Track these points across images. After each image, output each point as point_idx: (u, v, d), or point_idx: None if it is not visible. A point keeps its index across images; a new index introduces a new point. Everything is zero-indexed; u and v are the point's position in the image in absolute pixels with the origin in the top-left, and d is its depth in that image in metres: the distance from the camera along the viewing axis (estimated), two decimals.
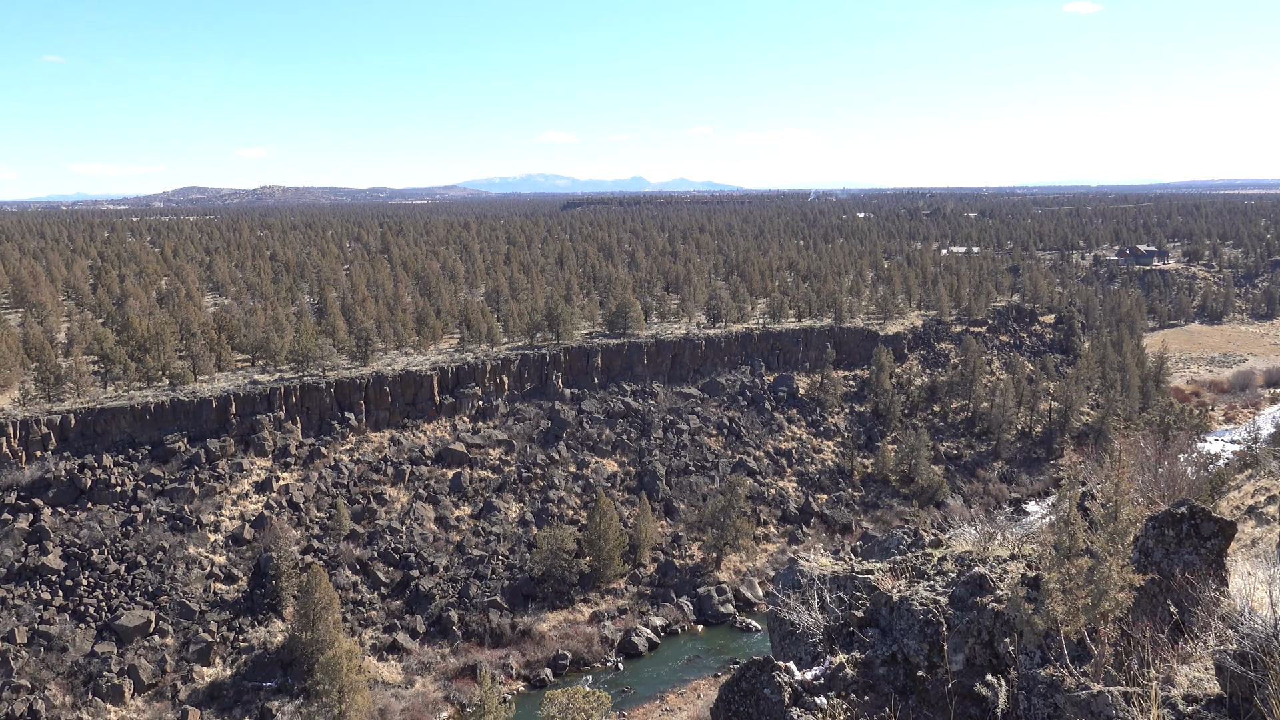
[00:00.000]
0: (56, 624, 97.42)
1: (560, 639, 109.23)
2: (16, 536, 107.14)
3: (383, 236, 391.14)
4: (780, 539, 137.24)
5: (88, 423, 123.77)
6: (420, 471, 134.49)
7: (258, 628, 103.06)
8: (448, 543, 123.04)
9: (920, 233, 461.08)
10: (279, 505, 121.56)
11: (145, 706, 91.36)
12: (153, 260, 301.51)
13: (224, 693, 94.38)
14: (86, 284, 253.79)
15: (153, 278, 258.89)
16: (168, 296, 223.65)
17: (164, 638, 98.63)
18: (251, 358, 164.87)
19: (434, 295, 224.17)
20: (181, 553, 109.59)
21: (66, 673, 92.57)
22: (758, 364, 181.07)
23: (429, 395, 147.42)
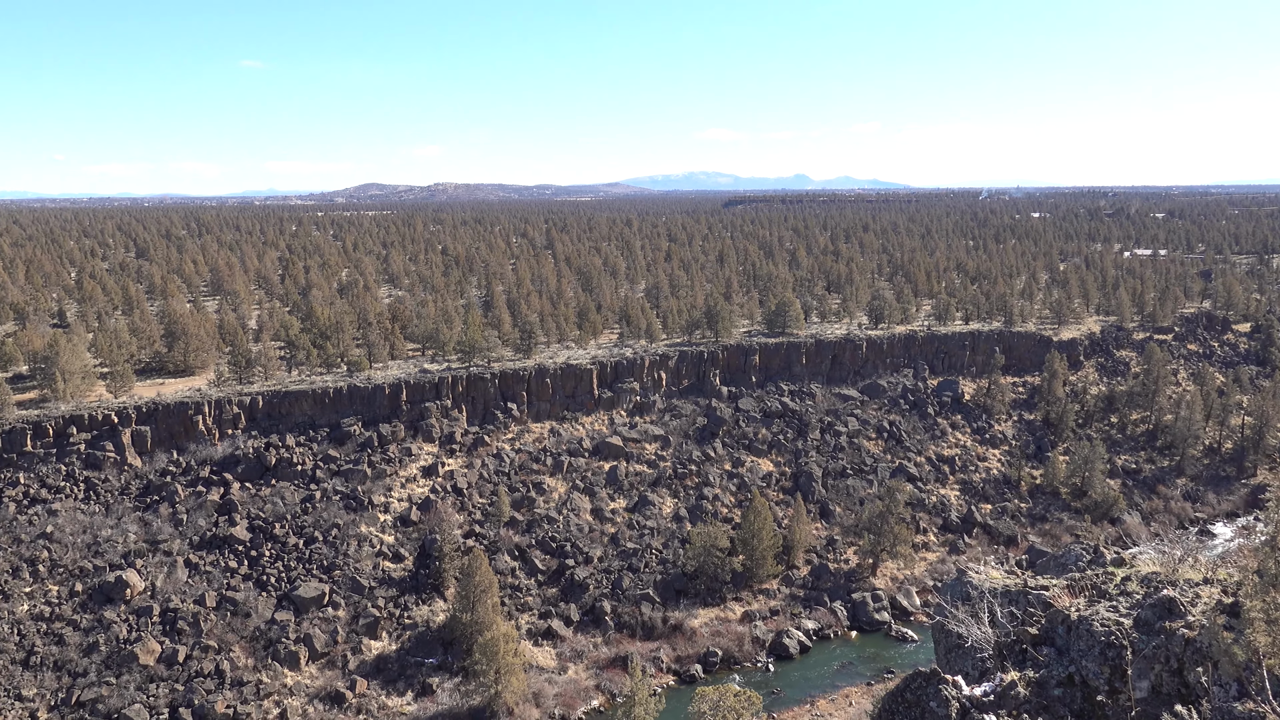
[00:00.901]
0: (241, 591, 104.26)
1: (711, 636, 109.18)
2: (209, 508, 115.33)
3: (547, 232, 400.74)
4: (940, 548, 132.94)
5: (273, 404, 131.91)
6: (578, 463, 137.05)
7: (421, 606, 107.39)
8: (603, 534, 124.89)
9: (1101, 234, 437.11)
10: (444, 490, 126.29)
11: (318, 673, 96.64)
12: (335, 253, 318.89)
13: (389, 666, 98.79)
14: (275, 274, 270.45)
15: (334, 269, 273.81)
16: (347, 287, 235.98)
17: (336, 610, 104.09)
18: (422, 347, 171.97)
19: (595, 290, 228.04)
20: (354, 531, 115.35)
21: (249, 637, 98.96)
22: (921, 367, 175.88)
23: (588, 389, 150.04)
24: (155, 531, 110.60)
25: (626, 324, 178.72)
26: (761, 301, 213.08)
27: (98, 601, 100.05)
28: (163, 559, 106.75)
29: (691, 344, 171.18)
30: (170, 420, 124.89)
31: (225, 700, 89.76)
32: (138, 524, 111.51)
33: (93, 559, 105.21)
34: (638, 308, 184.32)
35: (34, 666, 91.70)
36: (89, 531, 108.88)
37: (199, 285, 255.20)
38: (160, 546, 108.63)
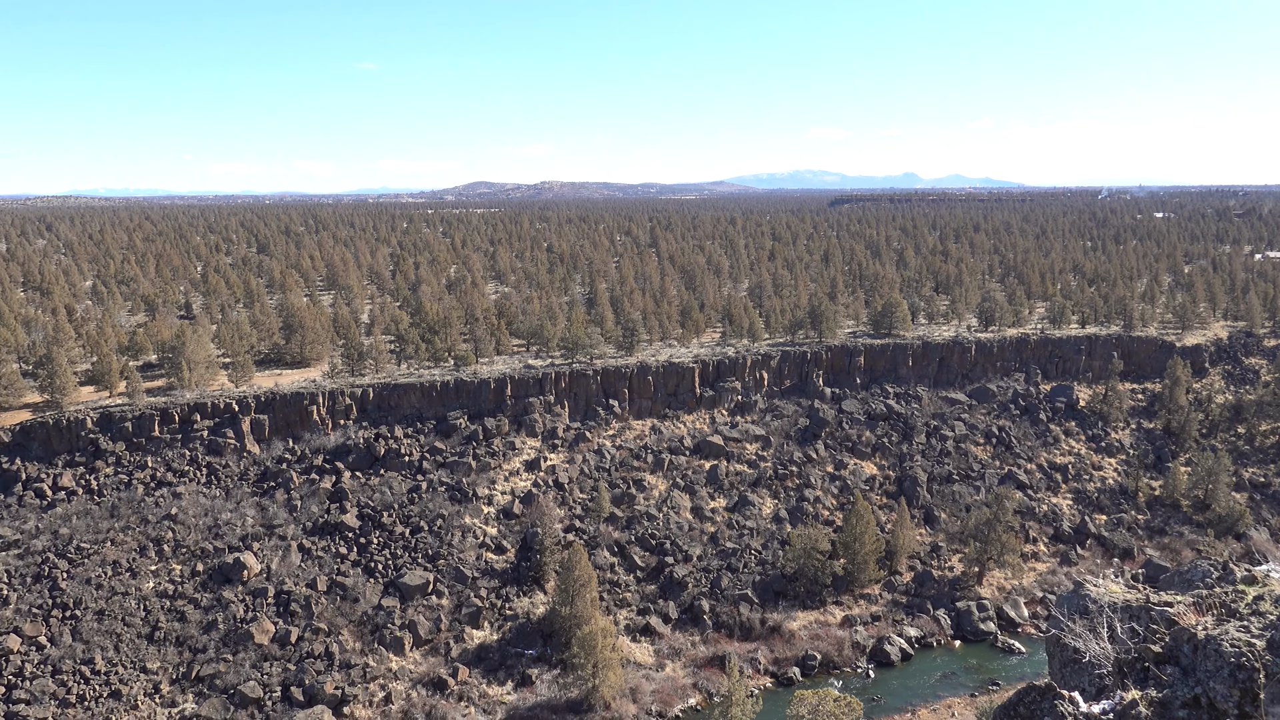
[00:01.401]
0: (350, 577, 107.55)
1: (810, 639, 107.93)
2: (321, 495, 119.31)
3: (651, 231, 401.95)
4: (1050, 559, 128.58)
5: (383, 396, 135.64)
6: (679, 461, 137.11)
7: (522, 598, 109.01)
8: (702, 533, 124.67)
9: (1230, 235, 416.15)
10: (546, 484, 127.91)
11: (422, 659, 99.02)
12: (444, 249, 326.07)
13: (490, 655, 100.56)
14: (387, 270, 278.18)
15: (443, 265, 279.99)
16: (455, 283, 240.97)
17: (440, 598, 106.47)
18: (527, 343, 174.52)
19: (698, 289, 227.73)
20: (458, 522, 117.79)
21: (357, 621, 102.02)
22: (1033, 371, 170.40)
23: (690, 387, 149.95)
24: (271, 516, 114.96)
25: (729, 323, 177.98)
26: (867, 302, 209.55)
27: (217, 581, 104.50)
28: (278, 543, 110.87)
29: (795, 344, 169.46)
30: (287, 410, 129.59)
31: (334, 681, 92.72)
32: (255, 509, 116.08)
33: (213, 541, 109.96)
34: (741, 306, 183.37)
35: (158, 641, 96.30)
36: (210, 514, 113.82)
37: (315, 280, 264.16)
38: (276, 531, 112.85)
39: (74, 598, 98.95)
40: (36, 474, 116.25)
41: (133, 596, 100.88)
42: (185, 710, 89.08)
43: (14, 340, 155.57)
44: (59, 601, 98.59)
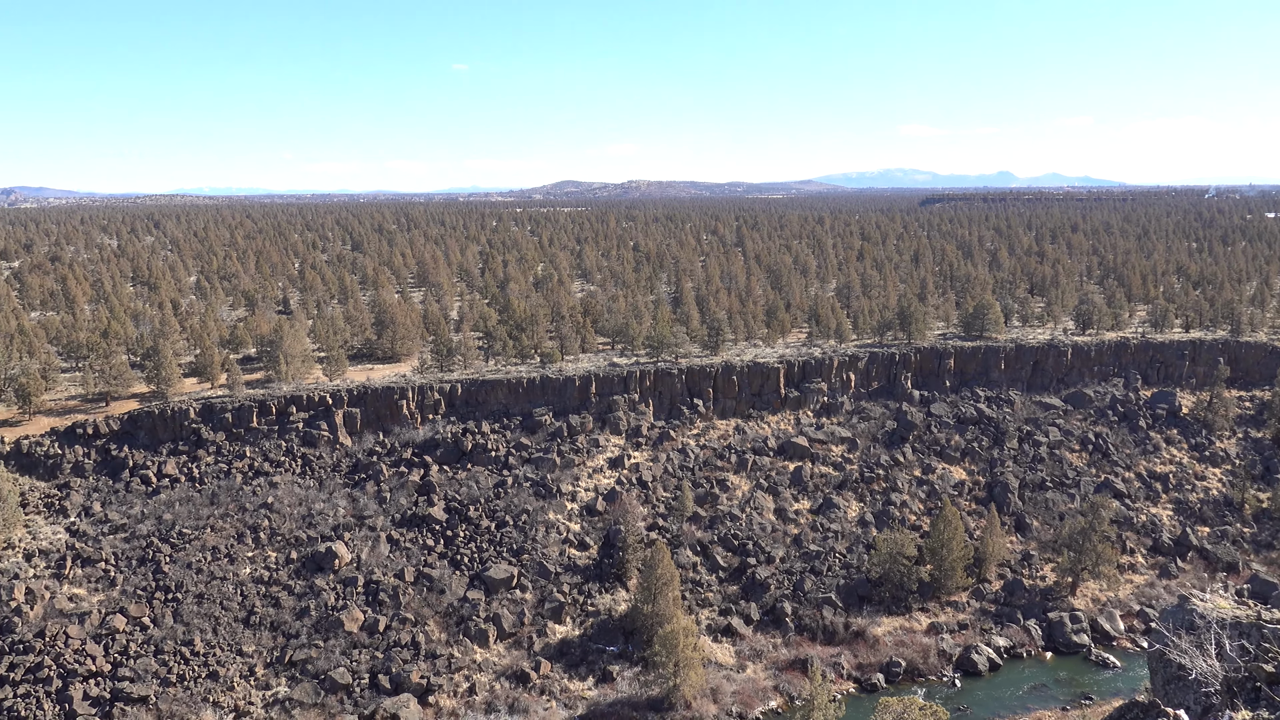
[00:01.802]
0: (437, 569, 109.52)
1: (894, 645, 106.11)
2: (410, 488, 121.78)
3: (738, 230, 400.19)
4: (1149, 571, 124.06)
5: (471, 392, 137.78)
6: (762, 462, 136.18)
7: (604, 594, 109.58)
8: (785, 535, 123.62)
9: None
10: (629, 482, 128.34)
11: (505, 652, 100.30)
12: (531, 248, 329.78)
13: (572, 650, 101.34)
14: (476, 267, 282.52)
15: (531, 264, 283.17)
16: (543, 281, 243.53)
17: (524, 593, 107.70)
18: (612, 341, 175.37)
19: (785, 289, 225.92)
20: (543, 517, 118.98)
21: (443, 612, 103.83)
22: (1133, 376, 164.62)
23: (775, 387, 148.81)
24: (362, 507, 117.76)
25: (815, 323, 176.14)
26: (958, 303, 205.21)
27: (310, 569, 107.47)
28: (368, 533, 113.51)
29: (882, 345, 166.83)
30: (378, 403, 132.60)
31: (420, 671, 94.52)
32: (347, 499, 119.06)
33: (306, 530, 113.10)
34: (827, 307, 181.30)
35: (253, 625, 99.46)
36: (304, 504, 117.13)
37: (406, 277, 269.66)
38: (366, 522, 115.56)
39: (176, 581, 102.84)
40: (143, 461, 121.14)
41: (230, 581, 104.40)
42: (278, 693, 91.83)
43: (123, 333, 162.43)
44: (162, 584, 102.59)
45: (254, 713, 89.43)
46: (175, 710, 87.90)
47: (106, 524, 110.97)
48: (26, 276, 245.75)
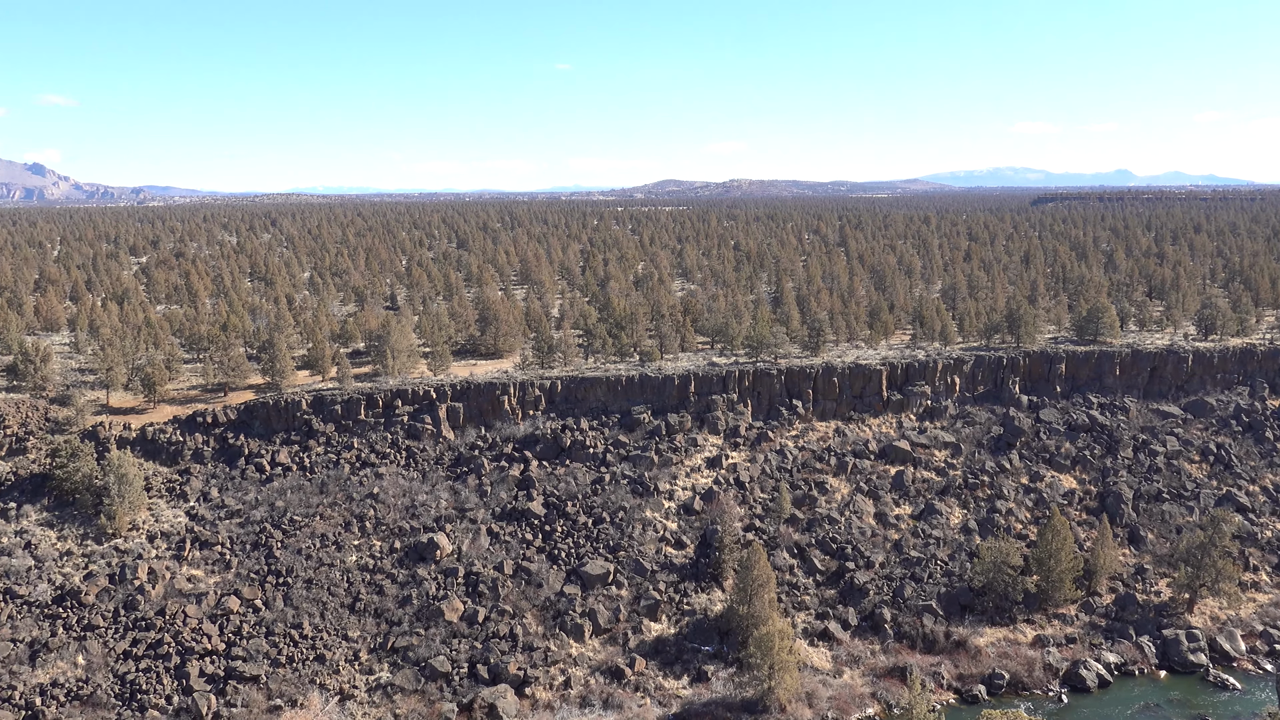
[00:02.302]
0: (535, 562, 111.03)
1: (998, 657, 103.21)
2: (510, 482, 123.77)
3: (840, 229, 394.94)
4: (1273, 589, 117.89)
5: (571, 389, 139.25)
6: (863, 465, 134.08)
7: (700, 594, 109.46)
8: (885, 540, 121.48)
9: None
10: (726, 482, 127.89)
11: (600, 648, 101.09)
12: (632, 247, 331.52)
13: (666, 648, 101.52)
14: (577, 266, 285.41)
15: (631, 262, 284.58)
16: (643, 280, 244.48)
17: (620, 589, 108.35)
18: (711, 341, 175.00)
19: (888, 289, 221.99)
20: (639, 515, 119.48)
21: (540, 605, 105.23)
22: (1259, 385, 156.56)
23: (876, 390, 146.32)
24: (463, 500, 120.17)
25: (920, 325, 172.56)
26: (1071, 306, 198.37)
27: (412, 559, 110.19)
28: (468, 526, 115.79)
29: (989, 349, 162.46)
30: (480, 399, 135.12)
31: (517, 663, 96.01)
32: (449, 492, 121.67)
33: (410, 520, 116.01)
34: (932, 308, 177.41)
35: (358, 611, 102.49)
36: (408, 495, 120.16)
37: (509, 274, 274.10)
38: (467, 514, 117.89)
39: (286, 566, 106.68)
40: (257, 450, 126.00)
41: (337, 568, 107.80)
42: (381, 678, 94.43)
43: (241, 326, 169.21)
44: (273, 568, 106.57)
45: (358, 696, 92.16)
46: (284, 690, 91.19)
47: (223, 509, 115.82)
48: (153, 271, 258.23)
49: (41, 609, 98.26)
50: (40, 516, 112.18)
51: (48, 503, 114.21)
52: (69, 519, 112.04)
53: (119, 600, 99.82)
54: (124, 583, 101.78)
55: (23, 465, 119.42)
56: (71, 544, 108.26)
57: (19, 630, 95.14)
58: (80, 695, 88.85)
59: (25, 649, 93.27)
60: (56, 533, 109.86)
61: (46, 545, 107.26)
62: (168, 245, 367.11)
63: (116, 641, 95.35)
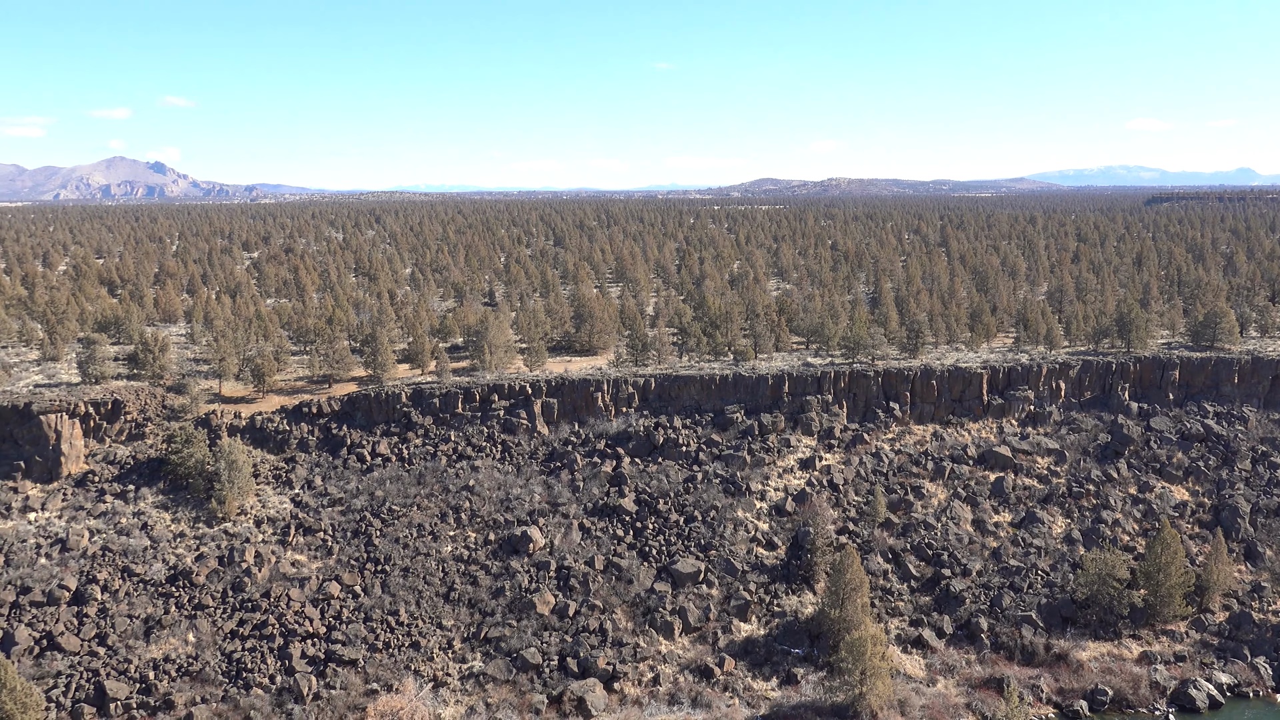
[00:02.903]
0: (626, 559, 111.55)
1: (1100, 672, 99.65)
2: (602, 478, 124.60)
3: (942, 229, 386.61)
4: None
5: (664, 387, 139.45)
6: (961, 470, 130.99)
7: (791, 596, 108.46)
8: (983, 547, 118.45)
9: None
10: (820, 484, 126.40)
11: (690, 646, 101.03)
12: (728, 245, 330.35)
13: (756, 649, 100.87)
14: (672, 264, 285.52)
15: (727, 261, 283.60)
16: (738, 279, 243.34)
17: (710, 588, 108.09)
18: (806, 341, 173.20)
19: (991, 291, 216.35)
20: (731, 514, 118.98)
21: (630, 602, 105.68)
22: None
23: (977, 394, 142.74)
24: (556, 495, 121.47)
25: (1023, 328, 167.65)
26: (1186, 311, 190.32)
27: (506, 551, 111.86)
28: (561, 520, 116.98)
29: (1097, 353, 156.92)
30: (574, 395, 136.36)
31: (606, 657, 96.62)
32: (542, 486, 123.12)
33: (504, 513, 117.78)
34: (1037, 311, 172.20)
35: (453, 601, 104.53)
36: (502, 489, 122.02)
37: (605, 272, 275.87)
38: (559, 509, 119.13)
39: (385, 554, 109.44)
40: (359, 440, 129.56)
41: (433, 558, 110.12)
42: (473, 667, 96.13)
43: (345, 320, 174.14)
44: (372, 556, 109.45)
45: (450, 683, 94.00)
46: (380, 675, 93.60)
47: (326, 497, 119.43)
48: (264, 266, 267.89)
49: (156, 587, 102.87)
50: (156, 499, 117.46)
51: (163, 486, 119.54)
52: (183, 502, 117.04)
53: (227, 581, 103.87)
54: (232, 565, 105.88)
55: (141, 450, 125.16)
56: (185, 526, 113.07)
57: (135, 607, 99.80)
58: (190, 671, 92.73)
59: (141, 625, 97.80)
60: (171, 515, 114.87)
61: (162, 527, 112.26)
62: (278, 241, 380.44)
63: (224, 621, 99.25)
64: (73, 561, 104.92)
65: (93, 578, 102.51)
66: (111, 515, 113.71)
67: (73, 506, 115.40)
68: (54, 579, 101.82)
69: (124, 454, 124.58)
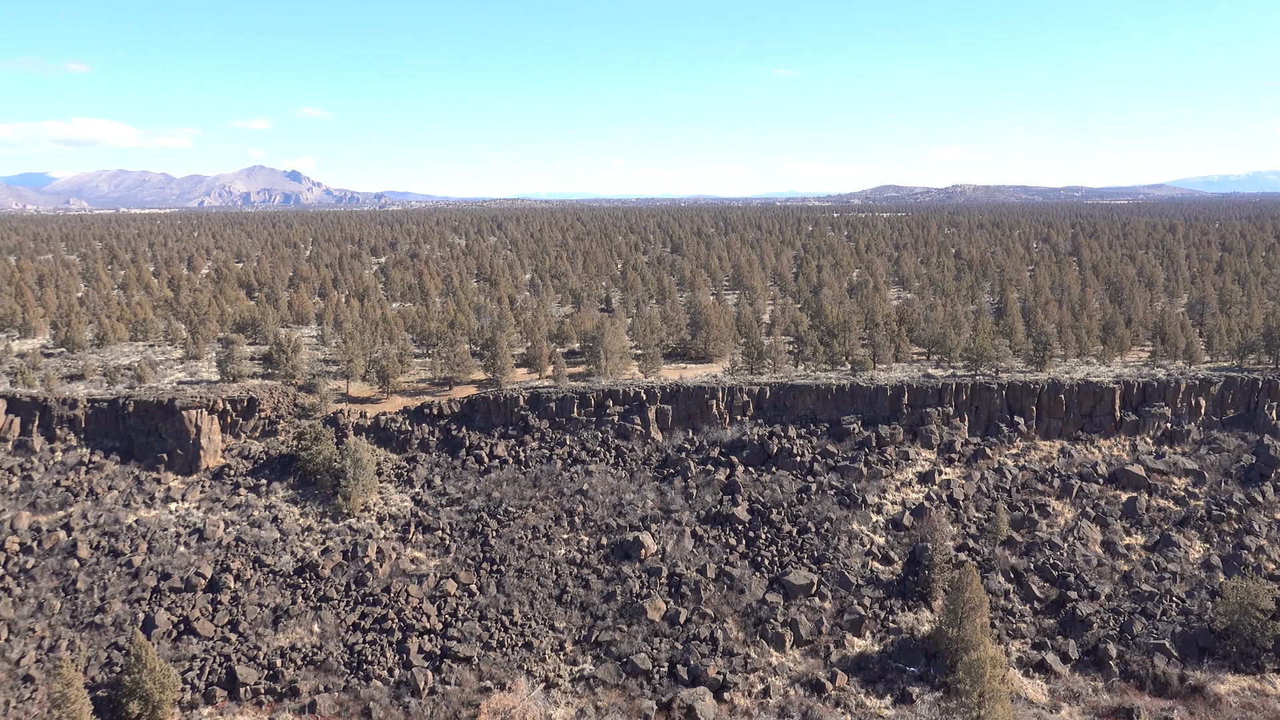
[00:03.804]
0: (738, 568, 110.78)
1: (1241, 708, 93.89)
2: (715, 486, 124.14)
3: (1073, 238, 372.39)
4: None
5: (779, 396, 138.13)
6: (1090, 489, 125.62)
7: (907, 612, 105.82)
8: (1113, 570, 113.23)
9: None
10: (938, 499, 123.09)
11: (801, 659, 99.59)
12: (847, 253, 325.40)
13: (869, 666, 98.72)
14: (789, 272, 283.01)
15: (845, 269, 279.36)
16: (857, 287, 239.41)
17: (823, 601, 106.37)
18: (927, 351, 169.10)
19: (1125, 303, 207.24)
20: (845, 527, 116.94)
21: (741, 611, 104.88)
22: None
23: (1108, 409, 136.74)
24: (669, 502, 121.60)
25: (1160, 342, 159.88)
26: None
27: (618, 556, 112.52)
28: (673, 527, 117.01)
29: (1242, 369, 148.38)
30: (688, 402, 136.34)
31: (716, 666, 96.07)
32: (655, 492, 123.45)
33: (616, 518, 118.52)
34: (1176, 324, 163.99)
35: (565, 603, 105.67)
36: (615, 494, 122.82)
37: (721, 279, 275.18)
38: (672, 516, 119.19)
39: (500, 555, 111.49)
40: (477, 442, 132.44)
41: (547, 560, 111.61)
42: (584, 670, 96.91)
43: (467, 324, 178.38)
44: (488, 556, 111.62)
45: (561, 685, 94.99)
46: (494, 673, 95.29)
47: (444, 496, 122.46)
48: (391, 271, 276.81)
49: (284, 578, 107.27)
50: (286, 494, 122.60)
51: (293, 481, 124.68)
52: (310, 497, 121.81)
53: (350, 575, 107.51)
54: (355, 559, 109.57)
55: (273, 446, 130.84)
56: (312, 520, 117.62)
57: (265, 596, 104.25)
58: (314, 660, 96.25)
59: (269, 614, 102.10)
60: (299, 509, 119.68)
61: (291, 520, 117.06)
62: (404, 247, 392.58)
63: (347, 613, 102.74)
64: (209, 551, 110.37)
65: (226, 567, 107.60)
66: (245, 508, 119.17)
67: (210, 498, 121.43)
68: (191, 567, 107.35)
69: (257, 449, 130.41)
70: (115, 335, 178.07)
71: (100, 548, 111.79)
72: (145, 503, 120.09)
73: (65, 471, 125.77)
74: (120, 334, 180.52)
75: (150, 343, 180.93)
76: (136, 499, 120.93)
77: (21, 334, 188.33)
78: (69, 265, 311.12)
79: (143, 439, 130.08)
